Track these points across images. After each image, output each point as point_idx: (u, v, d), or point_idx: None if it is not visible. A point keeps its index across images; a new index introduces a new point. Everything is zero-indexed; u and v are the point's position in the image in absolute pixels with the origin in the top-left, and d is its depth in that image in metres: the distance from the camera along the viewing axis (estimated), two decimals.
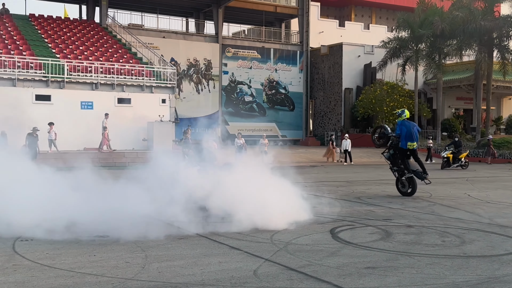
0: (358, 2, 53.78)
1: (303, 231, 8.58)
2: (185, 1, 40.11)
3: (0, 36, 28.89)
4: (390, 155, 13.80)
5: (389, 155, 13.85)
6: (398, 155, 13.51)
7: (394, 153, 13.63)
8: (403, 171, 13.56)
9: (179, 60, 38.32)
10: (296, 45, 44.05)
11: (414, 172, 13.47)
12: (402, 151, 13.36)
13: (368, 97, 38.91)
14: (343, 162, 28.53)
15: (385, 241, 7.94)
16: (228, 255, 6.94)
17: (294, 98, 43.41)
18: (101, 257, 6.75)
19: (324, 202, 12.06)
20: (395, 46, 38.25)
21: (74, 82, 26.53)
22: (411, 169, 13.49)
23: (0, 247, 7.10)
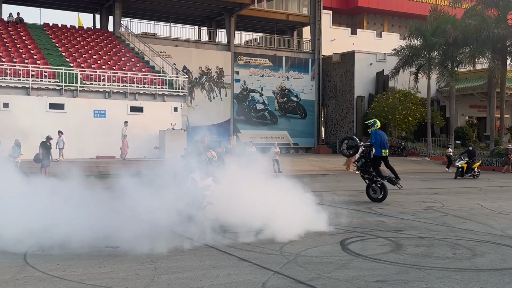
0: (370, 10, 53.73)
1: (312, 242, 8.55)
2: (197, 10, 40.36)
3: (15, 45, 29.27)
4: (362, 164, 14.33)
5: (361, 163, 14.39)
6: (369, 163, 14.09)
7: (366, 161, 14.19)
8: (374, 178, 14.08)
9: (191, 68, 38.52)
10: (308, 53, 44.08)
11: (387, 178, 14.06)
12: (376, 158, 14.01)
13: (380, 105, 38.77)
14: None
15: (395, 253, 7.89)
16: (237, 267, 6.94)
17: (306, 106, 43.38)
18: (111, 268, 6.79)
19: (335, 212, 12.02)
20: (407, 54, 38.12)
21: (87, 91, 26.78)
22: (384, 176, 14.09)
23: (12, 258, 7.17)
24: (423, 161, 34.38)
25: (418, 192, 17.37)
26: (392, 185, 14.11)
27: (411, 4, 53.62)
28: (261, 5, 42.11)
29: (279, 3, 43.25)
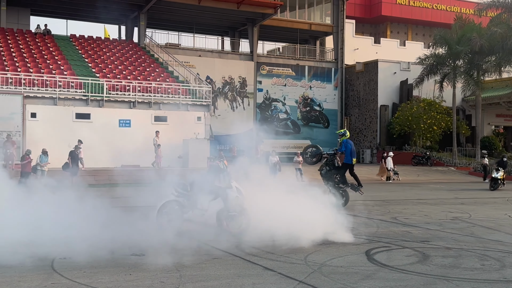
0: (393, 19, 53.45)
1: (337, 252, 8.49)
2: (220, 21, 40.69)
3: (42, 56, 29.87)
4: (326, 171, 14.70)
5: (325, 171, 14.73)
6: (333, 171, 14.57)
7: (330, 169, 14.61)
8: (337, 185, 14.47)
9: (214, 78, 38.77)
10: (331, 62, 44.00)
11: (350, 186, 14.64)
12: (345, 165, 14.71)
13: (404, 114, 38.43)
14: (396, 179, 28.09)
15: (422, 264, 7.78)
16: (262, 277, 6.92)
17: (328, 115, 43.23)
18: (137, 276, 6.84)
19: (359, 222, 11.93)
20: (432, 62, 37.75)
21: (113, 101, 27.13)
22: (348, 183, 14.64)
23: (39, 265, 7.27)
24: (449, 171, 33.88)
25: (444, 202, 17.11)
26: (354, 192, 14.72)
27: (435, 12, 53.20)
28: (284, 15, 42.25)
29: (302, 13, 43.33)
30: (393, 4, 51.83)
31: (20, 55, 29.24)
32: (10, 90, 25.03)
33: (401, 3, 52.10)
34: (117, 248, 8.13)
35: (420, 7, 52.83)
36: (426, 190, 22.28)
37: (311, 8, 43.80)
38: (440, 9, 53.54)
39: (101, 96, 26.74)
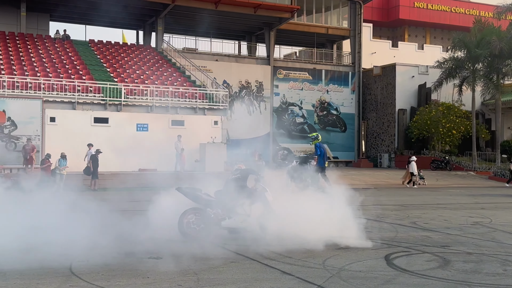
0: (411, 23, 53.06)
1: (356, 256, 8.39)
2: (237, 25, 40.79)
3: (61, 61, 30.22)
4: (292, 173, 14.36)
5: (292, 172, 14.46)
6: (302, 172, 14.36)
7: (299, 172, 14.35)
8: (305, 187, 13.97)
9: (231, 82, 38.85)
10: (348, 66, 43.80)
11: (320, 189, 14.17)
12: (318, 168, 14.85)
13: (423, 118, 38.06)
14: (421, 184, 27.75)
15: (443, 269, 7.65)
16: (279, 281, 6.86)
17: (346, 119, 43.02)
18: (154, 279, 6.82)
19: (378, 227, 11.81)
20: (450, 66, 37.34)
21: (131, 105, 27.33)
22: (318, 186, 14.39)
23: (58, 268, 7.29)
24: (468, 176, 33.44)
25: (464, 207, 16.86)
26: None
27: (454, 15, 52.70)
28: (301, 19, 42.20)
29: (319, 17, 43.24)
30: (411, 8, 51.47)
31: (40, 60, 29.60)
32: (29, 94, 25.35)
33: (419, 7, 51.71)
34: (136, 251, 8.13)
35: (439, 11, 52.36)
36: (445, 194, 22.00)
37: (328, 12, 43.70)
38: (459, 12, 53.01)
39: (119, 101, 26.95)
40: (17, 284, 6.46)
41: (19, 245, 8.38)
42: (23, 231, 8.66)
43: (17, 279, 6.68)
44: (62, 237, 8.66)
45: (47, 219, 9.26)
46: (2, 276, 6.83)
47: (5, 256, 7.78)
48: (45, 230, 8.85)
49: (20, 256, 7.90)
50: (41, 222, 9.11)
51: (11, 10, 33.96)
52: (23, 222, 9.00)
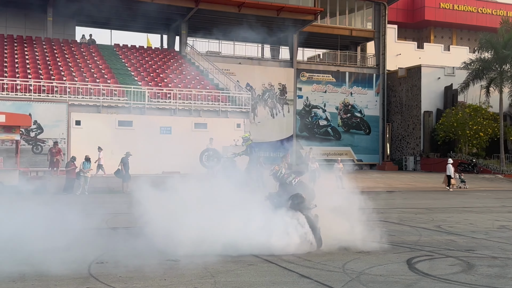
0: (437, 24, 52.30)
1: (377, 260, 8.23)
2: (260, 28, 40.73)
3: (87, 65, 30.64)
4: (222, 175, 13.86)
5: (221, 174, 13.90)
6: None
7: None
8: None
9: (254, 85, 38.84)
10: (372, 68, 43.39)
11: None
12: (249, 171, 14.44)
13: (449, 120, 37.45)
14: (462, 187, 27.27)
15: (466, 273, 7.44)
16: (297, 284, 6.76)
17: (370, 121, 42.59)
18: (171, 281, 6.80)
19: (401, 230, 11.61)
20: (477, 67, 36.69)
21: (154, 108, 27.52)
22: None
23: (77, 269, 7.32)
24: (496, 179, 32.73)
25: (490, 211, 16.47)
26: None
27: (481, 16, 51.77)
28: (324, 21, 41.98)
29: (343, 19, 42.95)
30: (436, 9, 50.75)
31: (66, 64, 30.07)
32: (55, 98, 25.75)
33: (445, 7, 50.95)
34: (153, 253, 8.13)
35: (465, 11, 51.50)
36: (472, 198, 21.55)
37: (352, 13, 43.37)
38: (486, 12, 52.06)
39: (143, 104, 27.17)
40: (35, 286, 6.50)
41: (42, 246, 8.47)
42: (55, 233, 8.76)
43: (35, 281, 6.72)
44: (80, 239, 8.73)
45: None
46: (21, 277, 6.89)
47: (24, 257, 7.86)
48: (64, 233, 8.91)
49: (40, 257, 7.98)
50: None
51: (38, 16, 34.59)
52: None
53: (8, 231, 9.01)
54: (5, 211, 10.19)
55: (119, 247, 8.51)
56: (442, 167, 36.87)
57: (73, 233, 9.17)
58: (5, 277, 6.80)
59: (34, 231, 9.54)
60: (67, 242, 8.76)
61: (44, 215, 10.30)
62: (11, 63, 28.70)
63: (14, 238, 9.02)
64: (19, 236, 9.02)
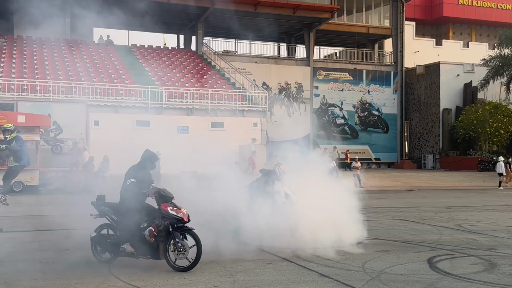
0: (456, 20, 51.66)
1: (397, 259, 8.15)
2: (277, 27, 40.68)
3: (105, 66, 30.88)
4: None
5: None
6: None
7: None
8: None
9: (270, 84, 38.77)
10: (390, 66, 43.02)
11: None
12: (21, 168, 11.23)
13: (469, 118, 36.97)
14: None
15: (489, 272, 7.33)
16: (317, 283, 6.71)
17: (388, 119, 42.24)
18: (191, 280, 6.80)
19: (421, 229, 11.48)
20: (497, 64, 36.19)
21: (171, 108, 27.63)
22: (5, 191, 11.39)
23: (97, 268, 7.37)
24: None
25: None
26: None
27: (500, 12, 51.03)
28: (341, 19, 41.73)
29: (360, 16, 42.66)
30: (455, 5, 50.14)
31: (84, 65, 30.33)
32: (74, 98, 25.98)
33: (463, 4, 50.32)
34: None
35: (484, 7, 50.82)
36: (492, 196, 21.25)
37: (369, 11, 43.05)
38: (505, 8, 51.30)
39: (160, 104, 27.29)
40: (56, 284, 6.55)
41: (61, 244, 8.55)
42: None
43: (56, 279, 6.78)
44: None
45: None
46: (42, 275, 6.96)
47: (45, 256, 7.94)
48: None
49: (61, 255, 8.05)
50: None
51: (56, 17, 34.91)
52: None
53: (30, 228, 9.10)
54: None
55: None
56: (462, 166, 36.57)
57: None
58: (26, 275, 6.87)
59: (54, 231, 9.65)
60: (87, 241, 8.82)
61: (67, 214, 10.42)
62: (30, 64, 29.05)
63: (35, 236, 9.13)
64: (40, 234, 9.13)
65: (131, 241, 7.40)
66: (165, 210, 7.24)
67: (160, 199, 7.37)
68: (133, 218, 7.39)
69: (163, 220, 7.26)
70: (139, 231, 7.35)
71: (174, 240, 7.21)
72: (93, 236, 7.69)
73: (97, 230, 7.76)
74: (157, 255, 7.30)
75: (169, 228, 7.24)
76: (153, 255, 7.32)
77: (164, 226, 7.25)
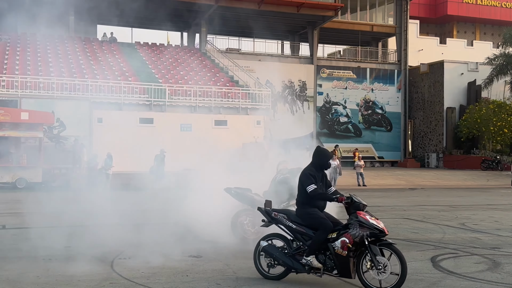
0: (460, 18, 51.50)
1: None
2: (280, 25, 40.62)
3: (108, 63, 30.88)
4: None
5: None
6: None
7: None
8: None
9: (274, 82, 38.71)
10: (394, 64, 42.91)
11: None
12: None
13: (472, 117, 36.86)
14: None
15: (492, 271, 7.30)
16: (319, 280, 6.68)
17: (391, 118, 42.16)
18: (193, 277, 6.79)
19: (424, 228, 11.45)
20: (501, 62, 36.06)
21: (175, 106, 27.63)
22: None
23: (100, 265, 7.37)
24: None
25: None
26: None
27: (505, 11, 50.86)
28: (345, 17, 41.64)
29: (363, 14, 42.55)
30: (459, 3, 49.99)
31: (87, 62, 30.35)
32: (77, 96, 26.00)
33: (468, 2, 50.17)
34: (176, 250, 8.14)
35: (489, 6, 50.65)
36: (496, 195, 21.17)
37: (373, 9, 42.94)
38: (510, 7, 51.17)
39: (163, 101, 27.30)
40: (58, 281, 6.55)
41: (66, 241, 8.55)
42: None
43: (59, 276, 6.78)
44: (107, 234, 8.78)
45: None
46: (45, 272, 6.96)
47: (49, 252, 7.94)
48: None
49: (64, 253, 8.05)
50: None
51: (59, 14, 34.93)
52: None
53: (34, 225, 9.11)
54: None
55: (142, 243, 8.54)
56: (466, 164, 36.46)
57: (96, 229, 9.26)
58: (29, 273, 6.87)
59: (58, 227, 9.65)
60: (90, 238, 8.84)
61: (69, 211, 10.44)
62: (33, 61, 29.09)
63: (39, 233, 9.14)
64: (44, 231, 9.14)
65: (317, 254, 6.44)
66: (364, 218, 6.20)
67: (352, 206, 6.33)
68: (319, 227, 6.42)
69: (361, 230, 6.17)
70: (326, 243, 6.35)
71: (371, 256, 6.15)
72: (264, 246, 6.73)
73: (267, 239, 6.83)
74: (347, 271, 6.23)
75: (364, 241, 6.19)
76: (342, 271, 6.26)
77: (360, 237, 6.15)
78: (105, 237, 8.75)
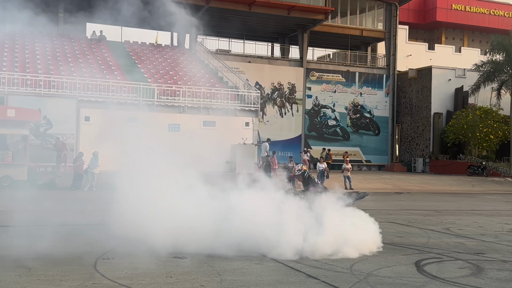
0: (449, 25, 51.93)
1: (385, 262, 8.15)
2: (271, 27, 40.66)
3: (97, 62, 30.69)
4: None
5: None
6: None
7: None
8: None
9: (263, 84, 38.74)
10: (383, 69, 43.15)
11: None
12: None
13: (459, 122, 37.15)
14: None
15: (476, 277, 7.35)
16: (304, 284, 6.69)
17: (379, 122, 42.37)
18: (177, 279, 6.75)
19: (409, 232, 11.51)
20: (489, 69, 36.36)
21: (163, 105, 27.51)
22: None
23: (83, 265, 7.30)
24: (506, 182, 32.42)
25: (500, 214, 16.31)
26: None
27: (493, 18, 51.35)
28: (335, 21, 41.76)
29: (353, 19, 42.73)
30: (448, 10, 50.40)
31: (75, 60, 30.11)
32: (65, 93, 25.78)
33: (456, 9, 50.58)
34: (160, 250, 8.08)
35: (477, 13, 51.12)
36: (481, 201, 21.36)
37: (363, 14, 43.14)
38: (498, 14, 51.64)
39: (152, 101, 27.18)
40: (41, 280, 6.48)
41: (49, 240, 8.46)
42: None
43: (41, 275, 6.71)
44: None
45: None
46: (27, 271, 6.88)
47: (31, 251, 7.86)
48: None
49: (46, 252, 7.97)
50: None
51: (49, 11, 34.67)
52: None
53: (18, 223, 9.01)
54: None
55: (126, 243, 8.47)
56: (451, 170, 36.73)
57: (80, 228, 9.19)
58: (11, 271, 6.79)
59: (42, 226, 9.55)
60: (73, 238, 8.76)
61: (51, 210, 10.34)
62: (21, 58, 28.81)
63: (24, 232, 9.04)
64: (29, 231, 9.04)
65: None
66: None
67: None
68: None
69: None
70: None
71: None
72: None
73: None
74: None
75: None
76: None
77: None
78: (87, 237, 8.68)
